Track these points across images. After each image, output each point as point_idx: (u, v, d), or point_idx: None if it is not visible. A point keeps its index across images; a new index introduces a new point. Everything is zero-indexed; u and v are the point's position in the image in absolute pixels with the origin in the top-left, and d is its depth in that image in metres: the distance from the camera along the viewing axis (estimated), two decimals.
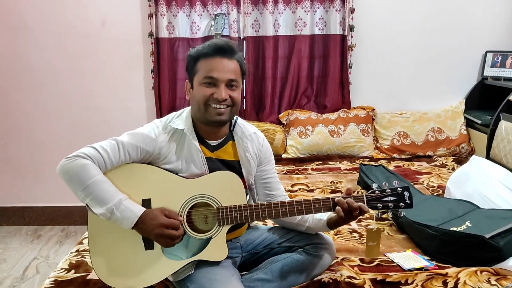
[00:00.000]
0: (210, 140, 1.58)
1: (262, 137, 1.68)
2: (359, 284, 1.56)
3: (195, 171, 1.52)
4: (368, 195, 1.51)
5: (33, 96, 3.40)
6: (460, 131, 3.31)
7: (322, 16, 3.33)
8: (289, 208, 1.49)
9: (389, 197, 1.50)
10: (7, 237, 3.39)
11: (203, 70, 1.48)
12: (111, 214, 1.36)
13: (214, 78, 1.47)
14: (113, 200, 1.37)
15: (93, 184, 1.37)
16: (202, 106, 1.49)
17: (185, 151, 1.52)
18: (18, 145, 3.48)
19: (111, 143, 1.45)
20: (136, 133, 1.50)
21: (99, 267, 1.46)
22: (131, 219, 1.37)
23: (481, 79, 3.43)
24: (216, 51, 1.48)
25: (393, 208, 1.51)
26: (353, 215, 1.47)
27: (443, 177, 2.76)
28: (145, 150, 1.48)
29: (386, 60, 3.44)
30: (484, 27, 3.39)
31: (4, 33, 3.31)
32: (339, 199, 1.48)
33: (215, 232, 1.49)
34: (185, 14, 3.30)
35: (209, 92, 1.47)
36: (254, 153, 1.63)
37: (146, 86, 3.42)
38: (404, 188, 1.51)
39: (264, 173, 1.67)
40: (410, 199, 1.51)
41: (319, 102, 3.48)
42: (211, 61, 1.48)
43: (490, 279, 1.57)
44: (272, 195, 1.68)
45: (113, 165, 1.44)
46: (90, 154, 1.40)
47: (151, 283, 1.49)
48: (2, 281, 2.73)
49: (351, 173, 2.89)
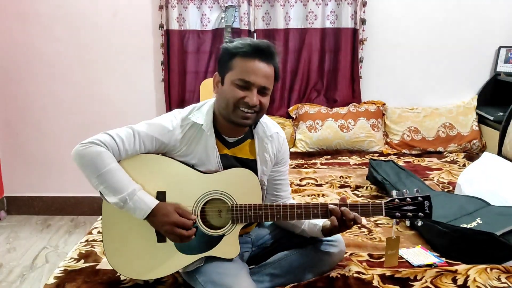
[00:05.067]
0: (229, 137, 1.54)
1: (283, 137, 1.63)
2: (368, 280, 1.55)
3: (209, 168, 1.50)
4: (387, 203, 1.47)
5: (45, 86, 3.42)
6: (472, 127, 3.27)
7: (333, 9, 3.30)
8: (305, 211, 1.47)
9: (409, 206, 1.47)
10: (17, 226, 3.43)
11: (239, 70, 1.41)
12: (124, 204, 1.36)
13: (248, 82, 1.41)
14: (127, 190, 1.36)
15: (108, 172, 1.36)
16: (231, 107, 1.43)
17: (201, 147, 1.49)
18: (29, 135, 3.51)
19: (128, 131, 1.44)
20: (154, 123, 1.48)
21: (112, 255, 1.47)
22: (144, 210, 1.37)
23: (494, 74, 3.38)
24: (256, 52, 1.41)
25: (412, 218, 1.47)
26: (347, 225, 1.45)
27: (453, 174, 2.73)
28: (161, 141, 1.47)
29: (397, 54, 3.40)
30: (497, 23, 3.34)
31: (17, 24, 3.32)
32: (333, 207, 1.44)
33: (229, 229, 1.47)
34: (195, 6, 3.28)
35: (241, 95, 1.42)
36: (273, 153, 1.60)
37: (156, 78, 3.42)
38: (425, 197, 1.47)
39: (278, 174, 1.64)
40: (430, 209, 1.46)
41: (329, 96, 3.46)
42: (249, 62, 1.41)
43: (500, 277, 1.56)
44: (280, 195, 1.66)
45: (128, 154, 1.43)
46: (106, 142, 1.39)
47: (161, 275, 1.50)
48: (12, 269, 2.76)
49: (360, 168, 2.87)
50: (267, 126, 1.59)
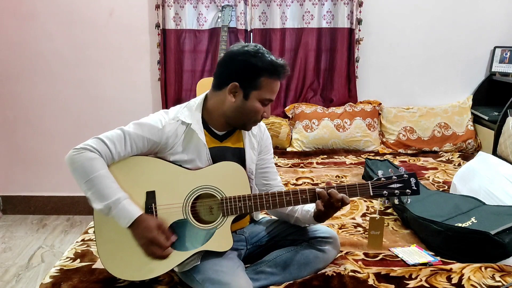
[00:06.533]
0: (219, 131, 1.59)
1: (264, 126, 1.72)
2: (363, 278, 1.56)
3: (200, 165, 1.53)
4: (374, 182, 1.50)
5: (40, 85, 3.42)
6: (467, 127, 3.29)
7: (330, 9, 3.31)
8: (293, 197, 1.50)
9: (395, 184, 1.49)
10: (12, 225, 3.42)
11: (268, 90, 1.49)
12: (108, 211, 1.38)
13: (271, 100, 1.53)
14: (113, 198, 1.38)
15: (96, 178, 1.38)
16: (252, 120, 1.54)
17: (192, 144, 1.52)
18: (25, 134, 3.50)
19: (118, 134, 1.46)
20: (143, 123, 1.50)
21: (105, 257, 1.47)
22: (126, 220, 1.39)
23: (489, 74, 3.40)
24: (281, 73, 1.50)
25: (400, 195, 1.50)
26: (335, 207, 1.47)
27: (449, 173, 2.75)
28: (152, 140, 1.49)
29: (393, 54, 3.41)
30: (493, 23, 3.36)
31: (13, 22, 3.31)
32: (320, 191, 1.48)
33: (220, 222, 1.49)
34: (192, 5, 3.28)
35: (262, 110, 1.52)
36: (257, 142, 1.66)
37: (153, 78, 3.42)
38: (410, 174, 1.50)
39: (263, 162, 1.70)
40: (417, 185, 1.50)
41: (325, 95, 3.47)
42: (274, 82, 1.50)
43: (495, 276, 1.56)
44: (269, 184, 1.71)
45: (120, 156, 1.45)
46: (98, 147, 1.41)
47: (157, 274, 1.49)
48: (7, 269, 2.75)
49: (356, 168, 2.88)
50: None
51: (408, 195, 1.50)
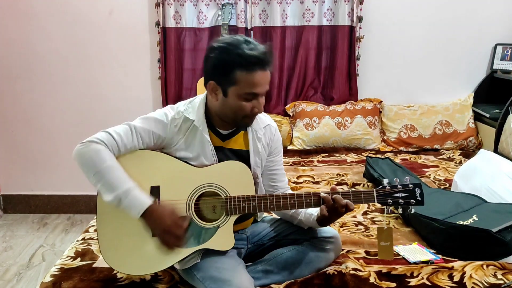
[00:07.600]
0: (222, 130, 1.57)
1: (275, 127, 1.67)
2: (364, 277, 1.55)
3: (205, 162, 1.52)
4: (379, 190, 1.49)
5: (41, 84, 3.41)
6: (468, 124, 3.28)
7: (330, 7, 3.30)
8: (297, 200, 1.48)
9: (400, 193, 1.49)
10: (13, 224, 3.42)
11: (245, 85, 1.41)
12: (119, 202, 1.37)
13: (255, 93, 1.43)
14: (123, 188, 1.37)
15: (105, 169, 1.38)
16: (240, 117, 1.48)
17: (196, 141, 1.52)
18: (25, 133, 3.50)
19: (125, 127, 1.47)
20: (149, 118, 1.51)
21: (107, 252, 1.47)
22: (137, 209, 1.37)
23: (490, 72, 3.39)
24: (257, 64, 1.40)
25: (404, 205, 1.49)
26: (339, 212, 1.46)
27: (450, 171, 2.74)
28: (157, 135, 1.49)
29: (394, 52, 3.40)
30: (494, 20, 3.35)
31: (12, 21, 3.31)
32: (325, 196, 1.46)
33: (223, 221, 1.48)
34: (192, 3, 3.28)
35: (249, 107, 1.45)
36: (266, 143, 1.63)
37: (153, 76, 3.42)
38: (415, 184, 1.49)
39: (272, 164, 1.67)
40: (422, 196, 1.49)
41: (326, 93, 3.46)
42: (252, 75, 1.40)
43: (497, 273, 1.56)
44: (276, 186, 1.68)
45: (127, 148, 1.46)
46: (104, 139, 1.42)
47: (157, 270, 1.50)
48: (8, 268, 2.75)
49: (357, 166, 2.87)
50: (260, 119, 1.61)
51: (412, 205, 1.49)
